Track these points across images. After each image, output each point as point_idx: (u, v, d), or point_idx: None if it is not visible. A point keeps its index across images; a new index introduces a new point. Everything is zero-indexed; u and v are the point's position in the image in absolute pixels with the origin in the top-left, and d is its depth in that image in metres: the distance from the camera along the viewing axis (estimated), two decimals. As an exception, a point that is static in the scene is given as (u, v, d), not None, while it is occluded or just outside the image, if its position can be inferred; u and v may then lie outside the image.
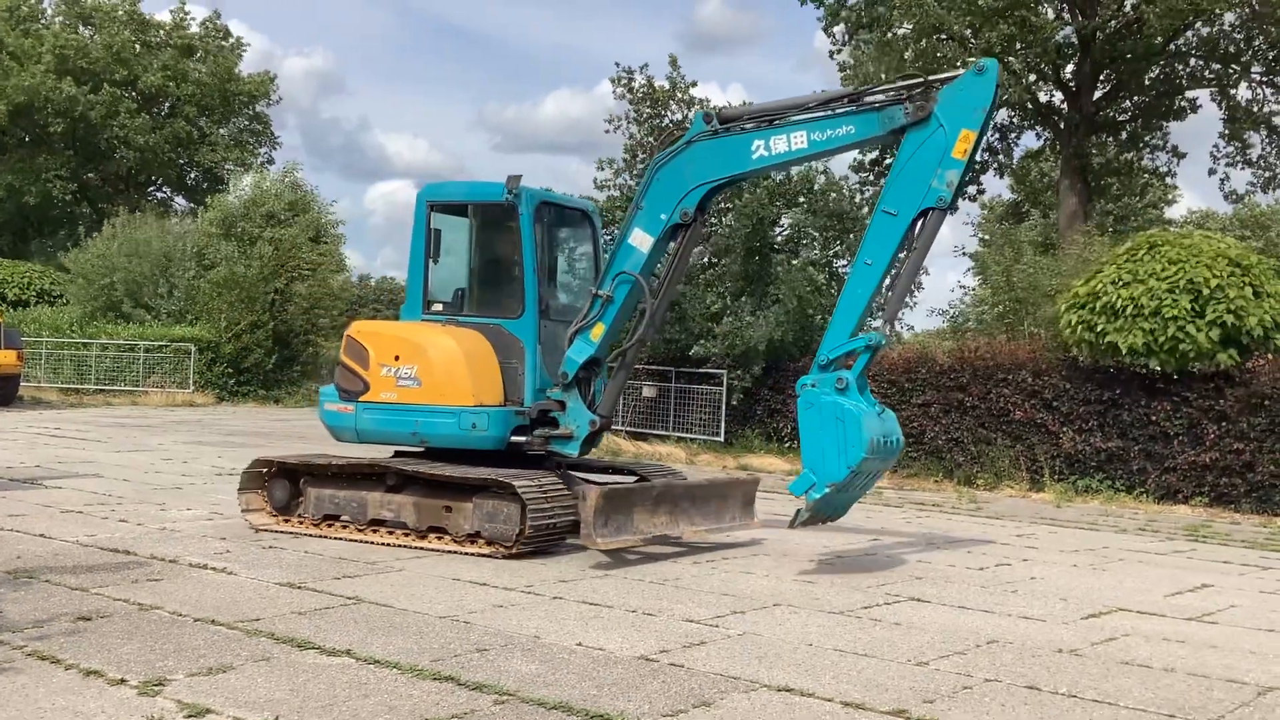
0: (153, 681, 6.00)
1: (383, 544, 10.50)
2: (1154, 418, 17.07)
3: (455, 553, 10.22)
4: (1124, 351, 16.59)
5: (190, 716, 5.49)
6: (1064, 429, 17.91)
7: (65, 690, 5.81)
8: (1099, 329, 16.87)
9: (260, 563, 9.44)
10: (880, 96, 10.23)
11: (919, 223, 9.93)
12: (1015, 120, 31.73)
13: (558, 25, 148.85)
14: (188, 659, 6.45)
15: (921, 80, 10.12)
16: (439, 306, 11.31)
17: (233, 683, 6.05)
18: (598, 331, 10.81)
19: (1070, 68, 29.06)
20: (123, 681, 5.99)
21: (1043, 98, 29.94)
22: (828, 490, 9.73)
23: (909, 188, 9.88)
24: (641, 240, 10.82)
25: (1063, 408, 18.01)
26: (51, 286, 40.09)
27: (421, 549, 10.32)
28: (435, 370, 10.77)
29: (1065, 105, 29.81)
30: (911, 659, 7.18)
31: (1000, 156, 32.44)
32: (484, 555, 10.09)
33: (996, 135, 32.03)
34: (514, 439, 10.83)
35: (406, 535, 10.53)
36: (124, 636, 6.87)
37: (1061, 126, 29.91)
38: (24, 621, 7.10)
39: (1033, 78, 28.19)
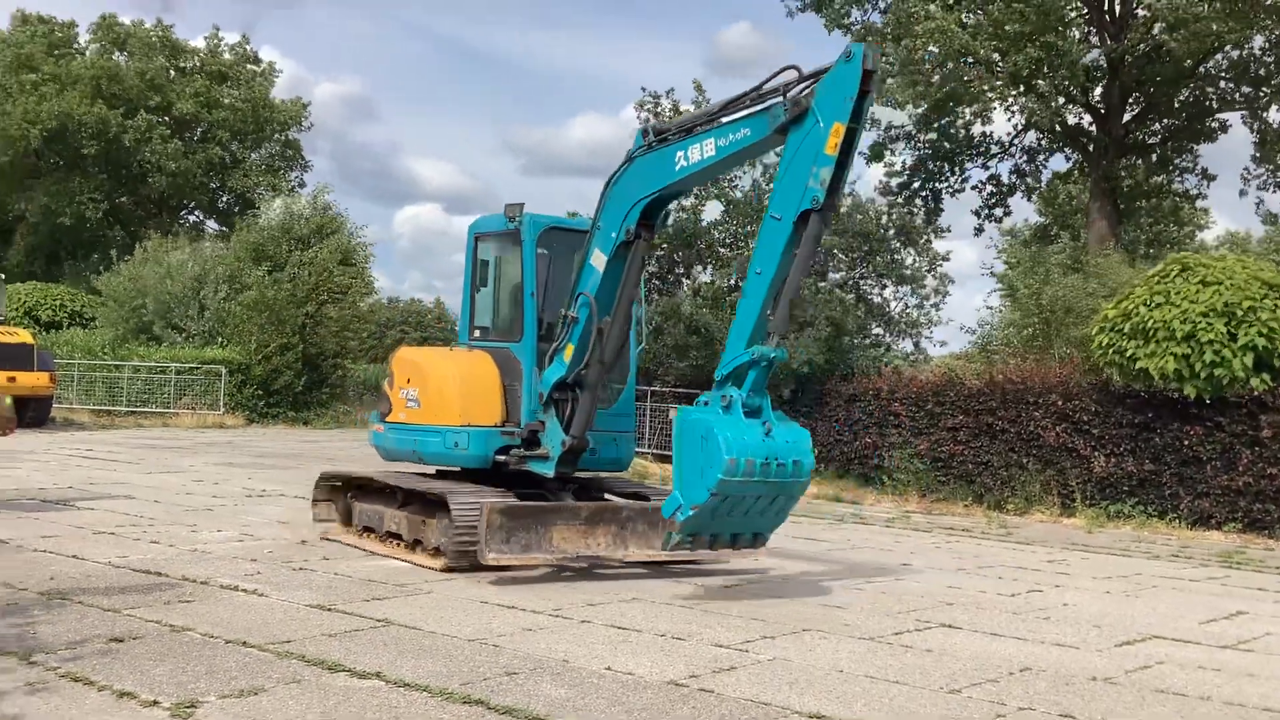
0: (185, 703, 6.02)
1: (384, 554, 11.07)
2: (1187, 442, 16.92)
3: (407, 561, 10.79)
4: (1155, 376, 16.46)
5: (222, 739, 5.51)
6: (1096, 453, 17.77)
7: (98, 711, 5.84)
8: (1129, 353, 16.76)
9: (290, 584, 9.47)
10: (773, 97, 9.69)
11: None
12: (1044, 143, 31.65)
13: (584, 50, 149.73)
14: (220, 681, 6.48)
15: (795, 71, 9.56)
16: (478, 332, 11.83)
17: (264, 705, 6.07)
18: (568, 353, 10.92)
19: (1099, 90, 28.97)
20: (155, 703, 6.01)
21: (1071, 120, 29.86)
22: (692, 513, 9.15)
23: (790, 189, 9.37)
24: (598, 260, 10.87)
25: (1094, 431, 17.88)
26: (83, 309, 40.51)
27: (401, 560, 10.88)
28: (429, 391, 11.46)
29: (1094, 128, 29.71)
30: (944, 686, 7.12)
31: (1028, 179, 32.35)
32: (425, 566, 10.52)
33: (1025, 158, 31.98)
34: (499, 458, 11.12)
35: (399, 546, 11.11)
36: (156, 658, 6.90)
37: (1090, 149, 29.80)
38: (58, 643, 7.15)
39: (1061, 100, 28.12)
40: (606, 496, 11.64)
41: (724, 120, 10.07)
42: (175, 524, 12.71)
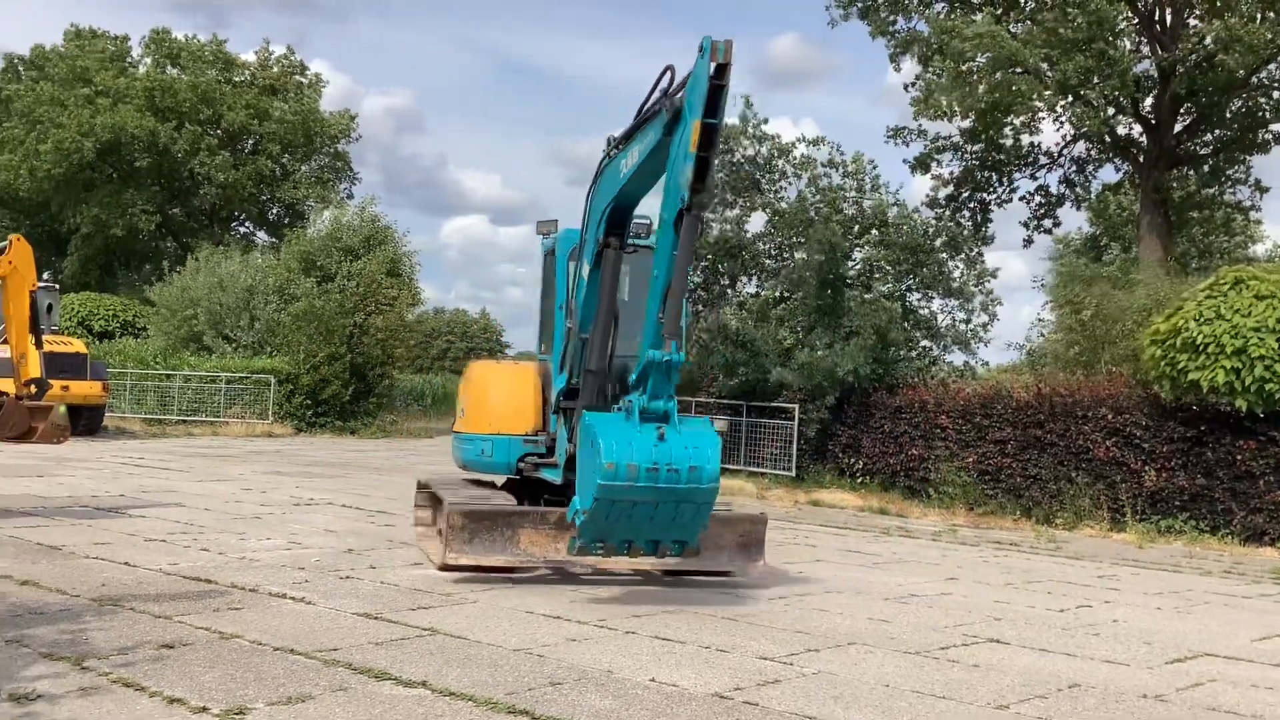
0: (234, 710, 6.09)
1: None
2: (1240, 457, 16.65)
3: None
4: (1205, 390, 16.23)
5: (271, 745, 5.56)
6: (1146, 467, 17.54)
7: (149, 717, 5.92)
8: (1180, 366, 16.53)
9: (337, 593, 9.55)
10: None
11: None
12: (1093, 153, 31.33)
13: (631, 61, 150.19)
14: (268, 688, 6.54)
15: (670, 71, 9.43)
16: (544, 345, 12.31)
17: (311, 712, 6.12)
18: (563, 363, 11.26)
19: (1149, 100, 28.65)
20: (205, 709, 6.08)
21: (1121, 130, 29.54)
22: (585, 518, 9.12)
23: (671, 190, 9.26)
24: (584, 270, 11.04)
25: (1145, 445, 17.65)
26: (135, 319, 41.12)
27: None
28: (470, 402, 12.21)
29: (1144, 138, 29.37)
30: (991, 702, 7.05)
31: (1077, 190, 32.03)
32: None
33: (1074, 168, 31.66)
34: (521, 465, 11.72)
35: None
36: (206, 665, 6.98)
37: (1141, 160, 29.46)
38: (109, 648, 7.25)
39: (1111, 110, 27.83)
40: None
41: (643, 127, 9.99)
42: (224, 532, 12.86)
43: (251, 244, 50.79)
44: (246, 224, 54.91)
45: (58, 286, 31.06)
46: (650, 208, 10.78)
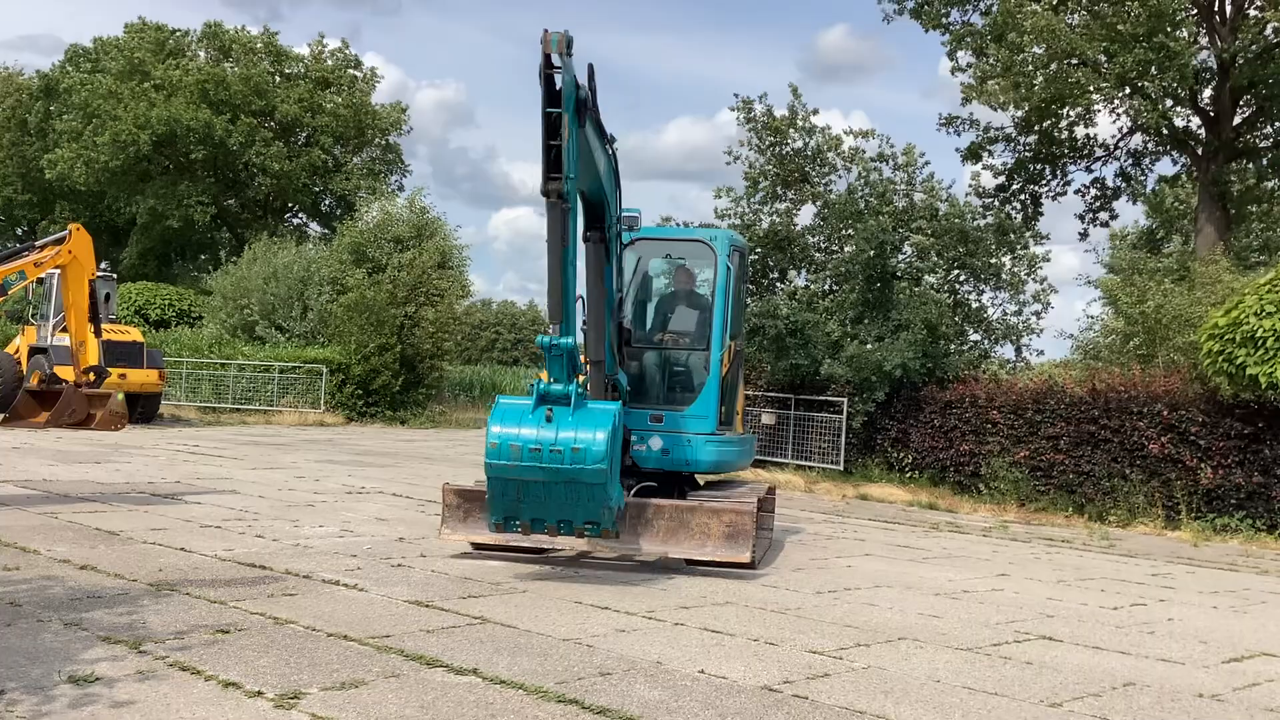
0: (288, 695, 6.16)
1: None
2: (1299, 455, 16.38)
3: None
4: (1264, 385, 15.95)
5: (324, 730, 5.62)
6: (1202, 465, 17.30)
7: (206, 701, 6.00)
8: (1239, 361, 16.27)
9: (389, 580, 9.64)
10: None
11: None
12: (1150, 146, 30.87)
13: (679, 55, 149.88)
14: (322, 673, 6.61)
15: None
16: None
17: (364, 698, 6.18)
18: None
19: (1208, 92, 28.17)
20: (260, 694, 6.16)
21: (1179, 123, 29.08)
22: (488, 494, 9.57)
23: None
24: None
25: (1201, 442, 17.40)
26: (191, 308, 41.68)
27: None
28: None
29: (1203, 131, 28.89)
30: (1044, 700, 6.99)
31: (1133, 183, 31.57)
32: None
33: (1130, 161, 31.21)
34: None
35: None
36: (260, 649, 7.07)
37: (1199, 152, 28.99)
38: (166, 632, 7.36)
39: (1169, 103, 27.39)
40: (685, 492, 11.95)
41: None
42: (278, 519, 13.01)
43: (305, 235, 51.30)
44: (300, 215, 55.46)
45: (115, 276, 31.48)
46: (631, 202, 11.29)
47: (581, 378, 11.38)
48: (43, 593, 8.32)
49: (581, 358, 11.59)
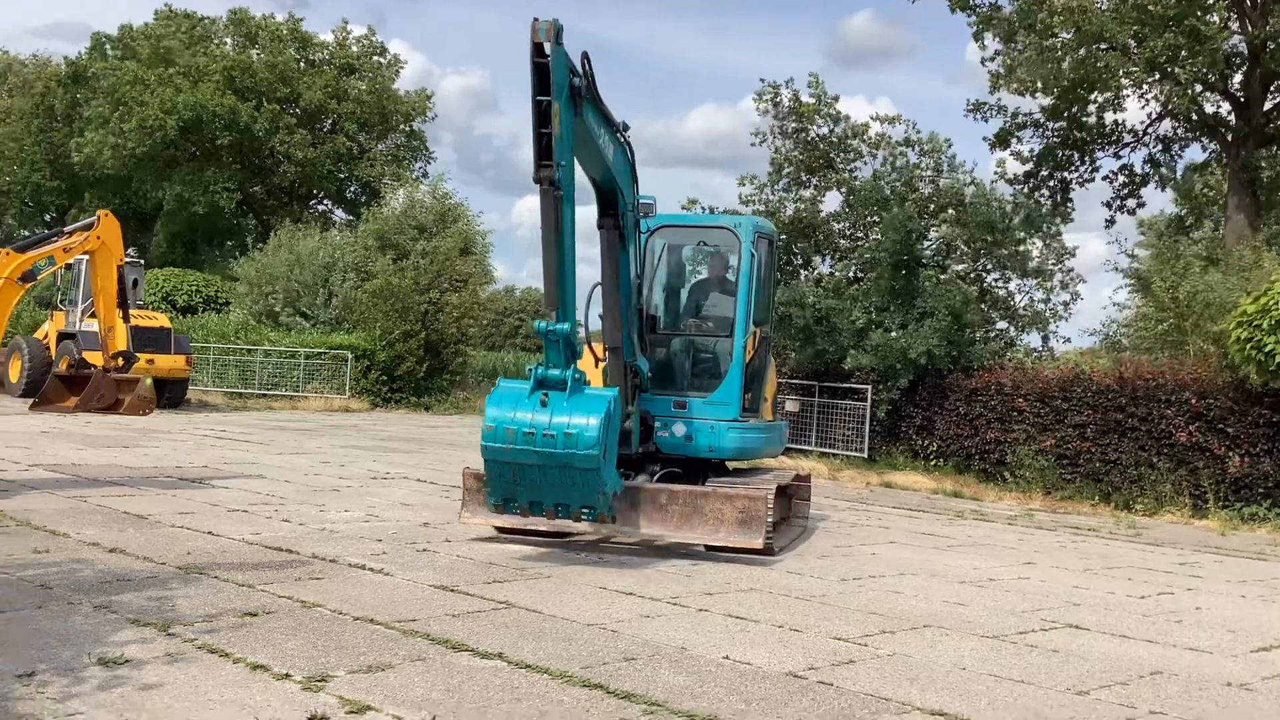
0: (316, 677, 6.20)
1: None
2: (1329, 444, 16.22)
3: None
4: (1294, 372, 15.80)
5: (352, 713, 5.65)
6: (1231, 453, 17.16)
7: (233, 683, 6.04)
8: (1269, 349, 16.11)
9: (415, 565, 9.68)
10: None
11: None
12: (1179, 132, 30.55)
13: (704, 41, 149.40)
14: (348, 656, 6.65)
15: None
16: None
17: (391, 681, 6.22)
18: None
19: (1238, 78, 27.85)
20: (288, 676, 6.20)
21: (1209, 108, 28.76)
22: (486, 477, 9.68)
23: None
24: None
25: (1230, 430, 17.26)
26: (217, 294, 41.91)
27: None
28: None
29: (1233, 116, 28.57)
30: (1071, 688, 6.96)
31: (1162, 169, 31.27)
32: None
33: (1159, 147, 30.92)
34: None
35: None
36: (288, 633, 7.12)
37: (1229, 138, 28.68)
38: (194, 615, 7.42)
39: (1199, 88, 27.09)
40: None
41: None
42: (305, 503, 13.08)
43: (330, 222, 51.47)
44: (325, 202, 55.63)
45: (143, 262, 31.70)
46: (654, 189, 11.25)
47: (603, 365, 11.44)
48: (72, 575, 8.40)
49: (598, 346, 11.61)
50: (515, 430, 9.24)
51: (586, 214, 10.55)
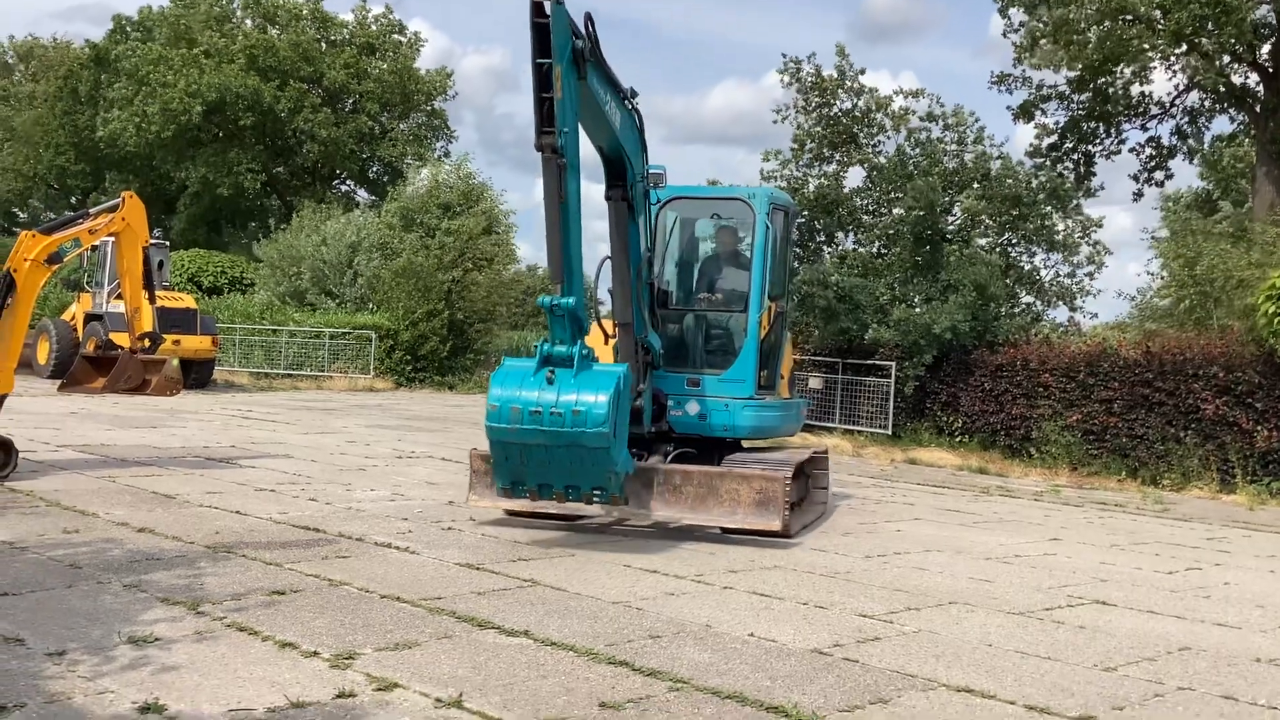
0: (343, 655, 6.24)
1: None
2: (1359, 418, 16.08)
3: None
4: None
5: (379, 689, 5.69)
6: (1259, 427, 17.03)
7: (262, 661, 6.09)
8: (1298, 323, 15.97)
9: (440, 543, 9.73)
10: None
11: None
12: (1206, 104, 30.20)
13: (725, 16, 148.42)
14: (375, 634, 6.69)
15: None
16: None
17: (418, 659, 6.26)
18: None
19: (1267, 48, 27.48)
20: (316, 654, 6.24)
21: (1236, 80, 28.40)
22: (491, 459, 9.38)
23: None
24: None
25: (1258, 405, 17.13)
26: (242, 275, 42.11)
27: None
28: None
29: (1261, 88, 28.21)
30: (1098, 664, 6.93)
31: (1190, 141, 30.93)
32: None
33: (1186, 119, 30.59)
34: None
35: None
36: (316, 611, 7.16)
37: (1257, 110, 28.32)
38: (223, 594, 7.47)
39: (1226, 59, 26.76)
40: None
41: None
42: (331, 483, 13.15)
43: (353, 202, 51.56)
44: (348, 182, 55.73)
45: (168, 243, 31.85)
46: (675, 166, 10.93)
47: (614, 341, 11.17)
48: (102, 555, 8.47)
49: (608, 322, 11.39)
50: (521, 409, 8.88)
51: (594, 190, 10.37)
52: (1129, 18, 25.25)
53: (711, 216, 12.65)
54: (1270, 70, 27.48)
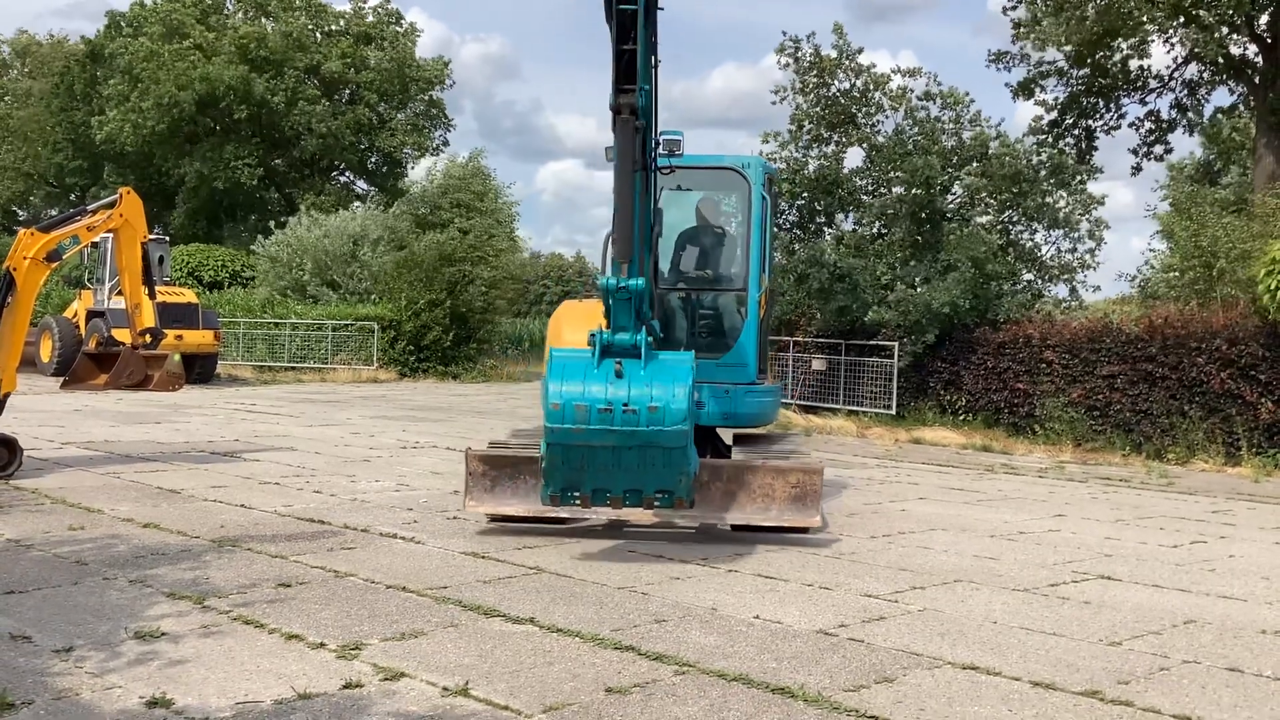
0: (350, 645, 6.26)
1: None
2: (1363, 388, 16.04)
3: None
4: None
5: (386, 679, 5.70)
6: (1263, 399, 17.00)
7: (269, 653, 6.11)
8: (1300, 294, 15.92)
9: (445, 533, 9.74)
10: None
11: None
12: (1206, 76, 30.07)
13: (729, 2, 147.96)
14: (382, 624, 6.71)
15: None
16: None
17: (424, 648, 6.27)
18: None
19: (1265, 18, 27.34)
20: (322, 645, 6.26)
21: (1235, 51, 28.27)
22: (544, 464, 8.35)
23: None
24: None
25: (1261, 377, 17.08)
26: (243, 269, 42.07)
27: None
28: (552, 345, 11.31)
29: (1259, 58, 28.08)
30: (1103, 639, 6.94)
31: (1189, 114, 30.81)
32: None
33: (1185, 92, 30.46)
34: None
35: None
36: (322, 602, 7.18)
37: (1256, 81, 28.20)
38: (229, 587, 7.49)
39: (1225, 30, 26.63)
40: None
41: None
42: (335, 474, 13.17)
43: (352, 193, 51.46)
44: (346, 174, 55.60)
45: (167, 238, 31.85)
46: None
47: None
48: (108, 551, 8.50)
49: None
50: (588, 407, 7.83)
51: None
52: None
53: (688, 188, 11.53)
54: (1269, 40, 27.35)
